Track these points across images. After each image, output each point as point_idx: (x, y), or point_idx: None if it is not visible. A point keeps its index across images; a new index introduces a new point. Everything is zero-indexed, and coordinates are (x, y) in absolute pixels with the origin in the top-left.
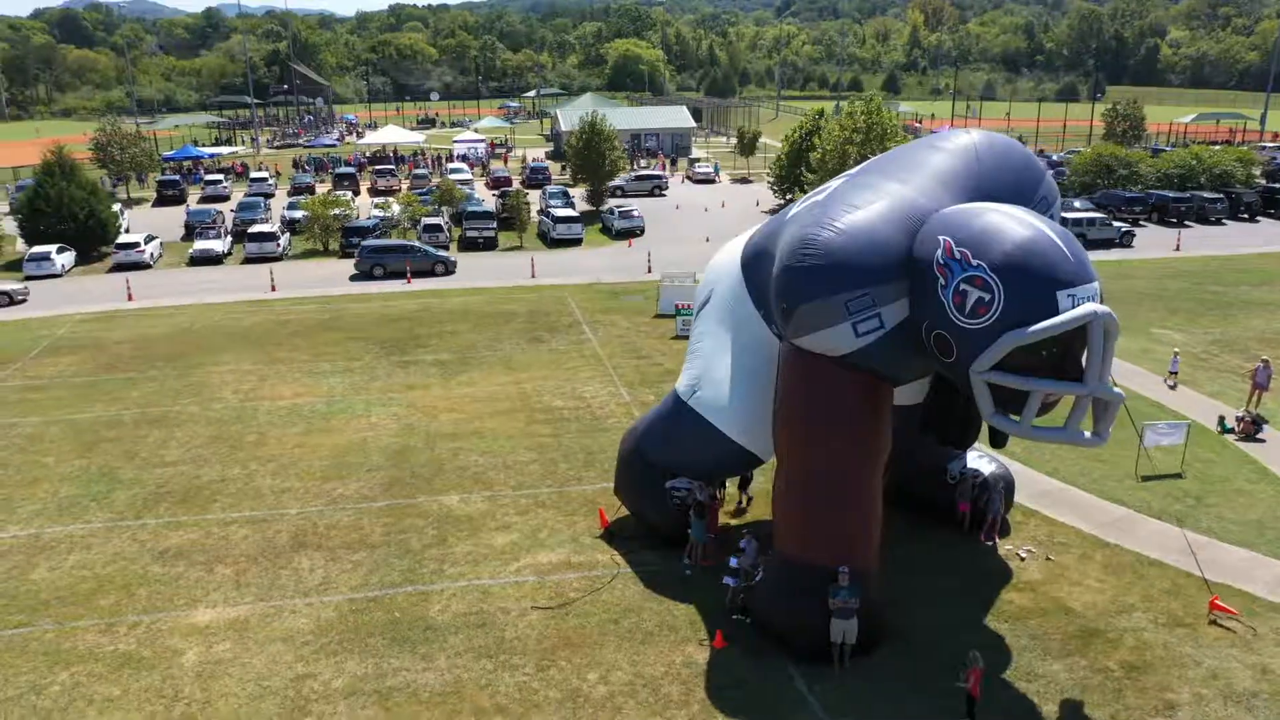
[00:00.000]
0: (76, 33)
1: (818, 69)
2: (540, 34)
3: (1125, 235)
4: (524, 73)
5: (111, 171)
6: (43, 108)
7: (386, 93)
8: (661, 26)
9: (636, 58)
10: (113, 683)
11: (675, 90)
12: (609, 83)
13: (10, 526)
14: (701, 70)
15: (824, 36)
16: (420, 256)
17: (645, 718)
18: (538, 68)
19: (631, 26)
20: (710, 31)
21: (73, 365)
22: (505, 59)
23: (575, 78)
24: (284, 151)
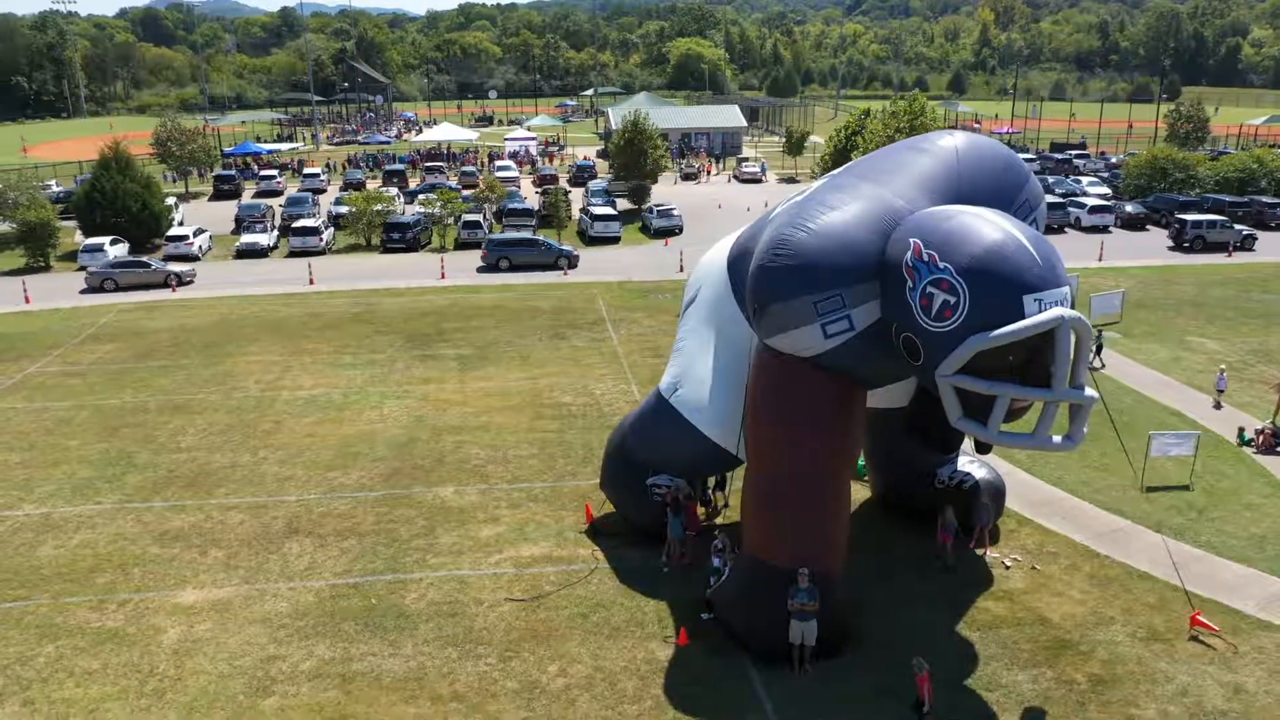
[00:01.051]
0: (158, 31)
1: (883, 68)
2: (605, 33)
3: (1247, 239)
4: (586, 71)
5: (170, 166)
6: (120, 104)
7: (450, 91)
8: (725, 25)
9: (698, 57)
10: (94, 656)
11: (737, 89)
12: (670, 81)
13: (25, 505)
14: (764, 69)
15: (892, 35)
16: (544, 251)
17: (598, 711)
18: (599, 66)
19: (694, 25)
20: (775, 30)
21: (111, 353)
22: (567, 57)
23: (637, 77)
24: (343, 148)
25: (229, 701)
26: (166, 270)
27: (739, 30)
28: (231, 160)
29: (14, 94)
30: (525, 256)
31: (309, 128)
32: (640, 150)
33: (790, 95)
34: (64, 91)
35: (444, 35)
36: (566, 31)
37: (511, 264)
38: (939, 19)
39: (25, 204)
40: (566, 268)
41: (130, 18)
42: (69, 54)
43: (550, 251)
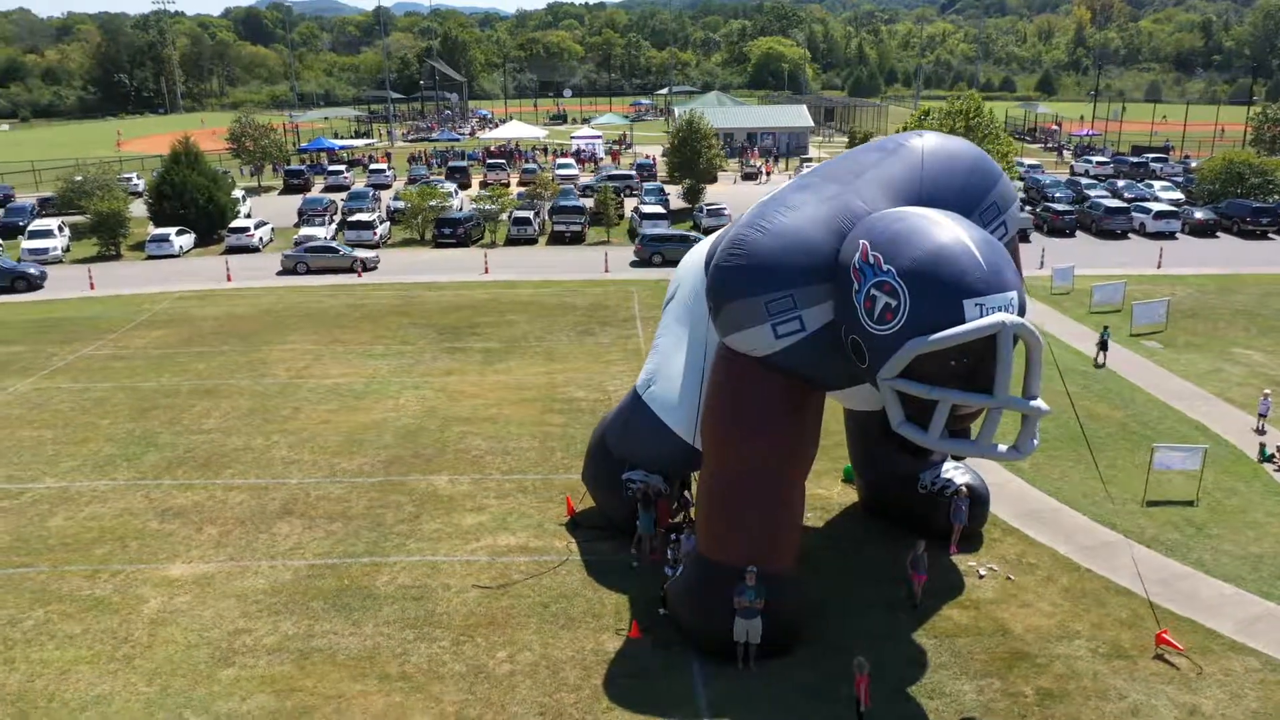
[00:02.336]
0: (258, 30)
1: (970, 68)
2: (690, 32)
3: None
4: (666, 70)
5: (244, 160)
6: (214, 101)
7: (531, 89)
8: (809, 24)
9: (779, 56)
10: (78, 622)
11: (819, 89)
12: (750, 81)
13: (47, 479)
14: (847, 69)
15: (983, 34)
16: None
17: (535, 697)
18: (679, 65)
19: (777, 25)
20: (861, 29)
21: (159, 338)
22: (648, 56)
23: (717, 76)
24: (416, 145)
25: (190, 670)
26: (353, 256)
27: (823, 29)
28: (307, 155)
29: (116, 90)
30: (678, 252)
31: (385, 124)
32: (695, 149)
33: (872, 95)
34: (162, 88)
35: (528, 34)
36: (652, 30)
37: (664, 259)
38: (1033, 18)
39: (101, 195)
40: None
41: (232, 17)
42: (168, 52)
43: None
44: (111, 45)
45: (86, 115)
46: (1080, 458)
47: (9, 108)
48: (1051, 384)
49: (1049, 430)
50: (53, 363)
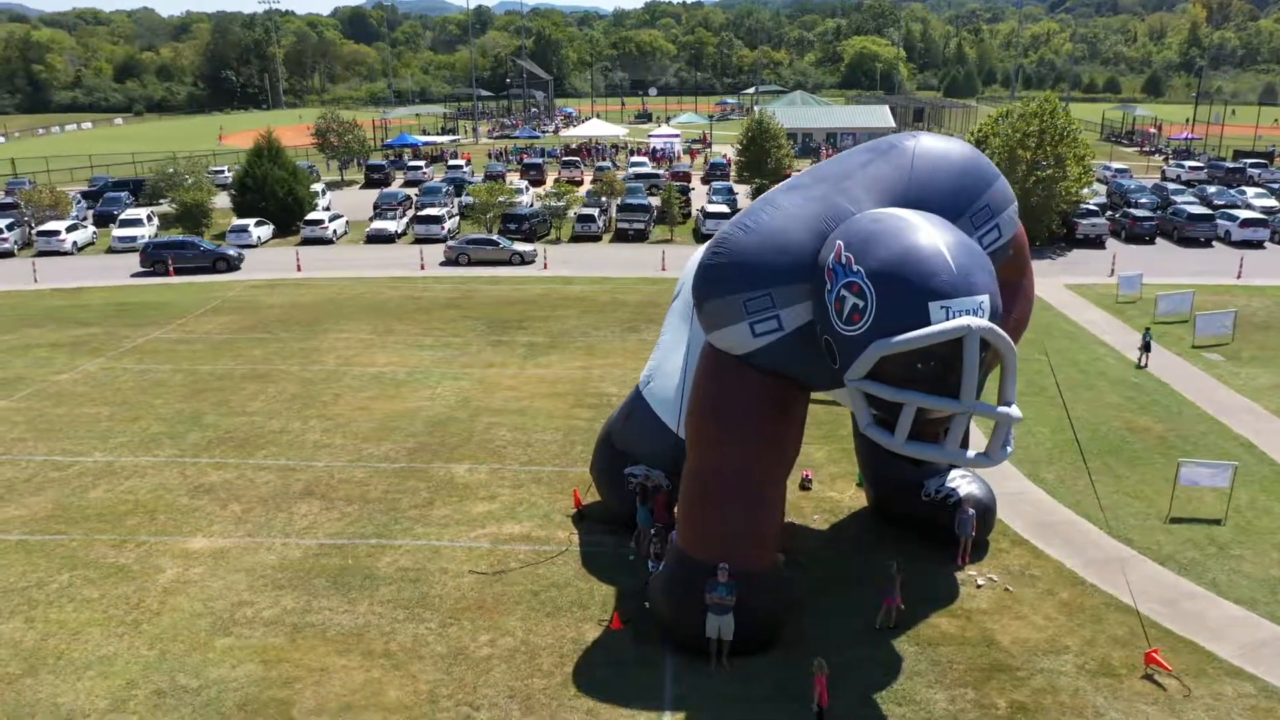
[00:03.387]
0: (363, 29)
1: (1074, 69)
2: (787, 31)
3: None
4: (758, 70)
5: (328, 155)
6: (315, 97)
7: (623, 87)
8: (906, 23)
9: (873, 55)
10: (97, 587)
11: (914, 89)
12: (843, 80)
13: (96, 453)
14: (944, 69)
15: (1091, 34)
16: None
17: (507, 680)
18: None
19: (872, 23)
20: (962, 28)
21: (224, 324)
22: (740, 55)
23: (810, 75)
24: (500, 141)
25: (190, 637)
26: (512, 249)
27: (921, 28)
28: (391, 151)
29: (223, 86)
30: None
31: (471, 121)
32: (764, 149)
33: (968, 96)
34: (265, 85)
35: (622, 33)
36: (747, 29)
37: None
38: (1145, 16)
39: (189, 186)
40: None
41: (340, 15)
42: (272, 50)
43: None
44: (220, 43)
45: (195, 110)
46: (1108, 470)
47: (125, 102)
48: (1098, 394)
49: (1083, 442)
50: (123, 345)
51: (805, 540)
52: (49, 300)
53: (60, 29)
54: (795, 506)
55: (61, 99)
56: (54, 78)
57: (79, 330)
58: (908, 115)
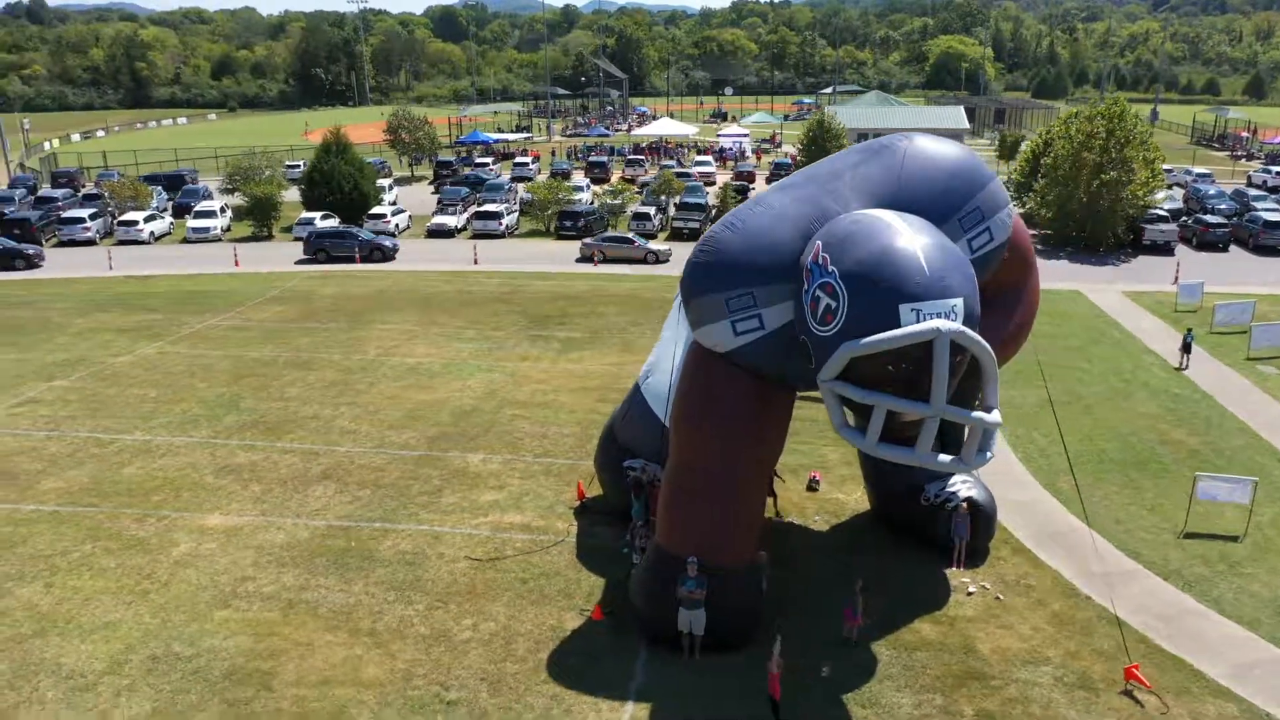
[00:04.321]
0: (452, 28)
1: (1175, 70)
2: (874, 30)
3: None
4: (841, 69)
5: (398, 151)
6: (400, 95)
7: (704, 87)
8: (995, 22)
9: (959, 55)
10: (115, 557)
11: (1001, 90)
12: (927, 80)
13: (137, 431)
14: (1034, 69)
15: (1193, 34)
16: None
17: (480, 664)
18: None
19: (960, 23)
20: (1055, 27)
21: (278, 313)
22: (823, 55)
23: (894, 75)
24: (573, 139)
25: (192, 608)
26: (646, 248)
27: (1011, 27)
28: (464, 147)
29: (312, 83)
30: None
31: (545, 119)
32: (824, 149)
33: (1058, 97)
34: (353, 82)
35: (704, 32)
36: (834, 28)
37: None
38: (1252, 15)
39: (260, 180)
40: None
41: (430, 14)
42: (360, 48)
43: None
44: (311, 41)
45: (286, 107)
46: (1129, 482)
47: (220, 99)
48: (1134, 404)
49: (1107, 451)
50: (181, 330)
51: (801, 540)
52: (120, 286)
53: (167, 27)
54: (799, 507)
55: (161, 95)
56: (155, 75)
57: (143, 316)
58: (988, 116)
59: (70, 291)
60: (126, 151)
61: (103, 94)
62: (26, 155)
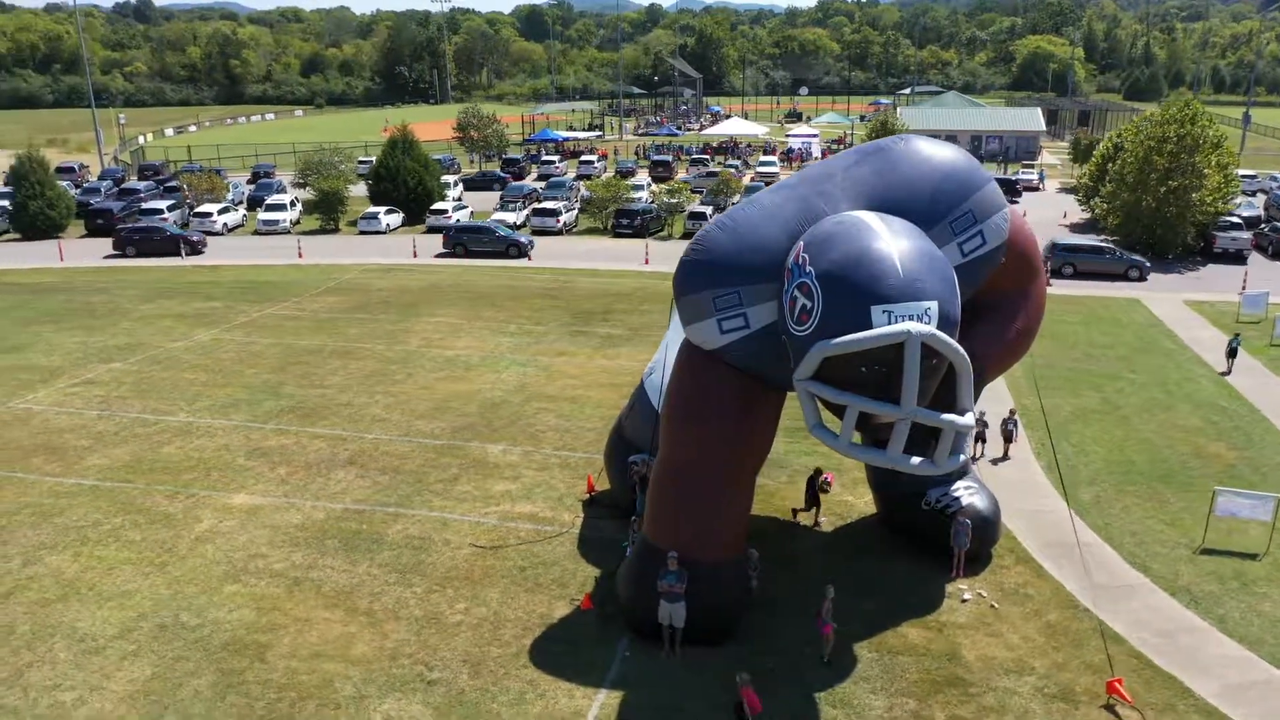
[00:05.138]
0: (538, 27)
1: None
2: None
3: None
4: (925, 69)
5: (466, 148)
6: (481, 92)
7: (784, 86)
8: (1089, 21)
9: (1047, 55)
10: (142, 530)
11: (1093, 91)
12: (1014, 81)
13: (180, 413)
14: (1127, 70)
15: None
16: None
17: (465, 646)
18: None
19: (1050, 22)
20: (1153, 27)
21: (333, 304)
22: (907, 54)
23: (980, 75)
24: (643, 138)
25: (204, 581)
26: None
27: (1105, 27)
28: (534, 145)
29: (396, 81)
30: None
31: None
32: None
33: (1153, 99)
34: (435, 80)
35: (785, 31)
36: (922, 28)
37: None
38: None
39: (328, 175)
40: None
41: (518, 14)
42: (444, 47)
43: None
44: (396, 40)
45: (370, 104)
46: (1153, 494)
47: (309, 95)
48: (1174, 416)
49: (1136, 462)
50: (237, 318)
51: (804, 542)
52: (189, 275)
53: (264, 25)
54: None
55: (253, 92)
56: (247, 72)
57: (205, 303)
58: (1072, 118)
59: (143, 279)
60: (211, 146)
61: (198, 90)
62: (121, 149)
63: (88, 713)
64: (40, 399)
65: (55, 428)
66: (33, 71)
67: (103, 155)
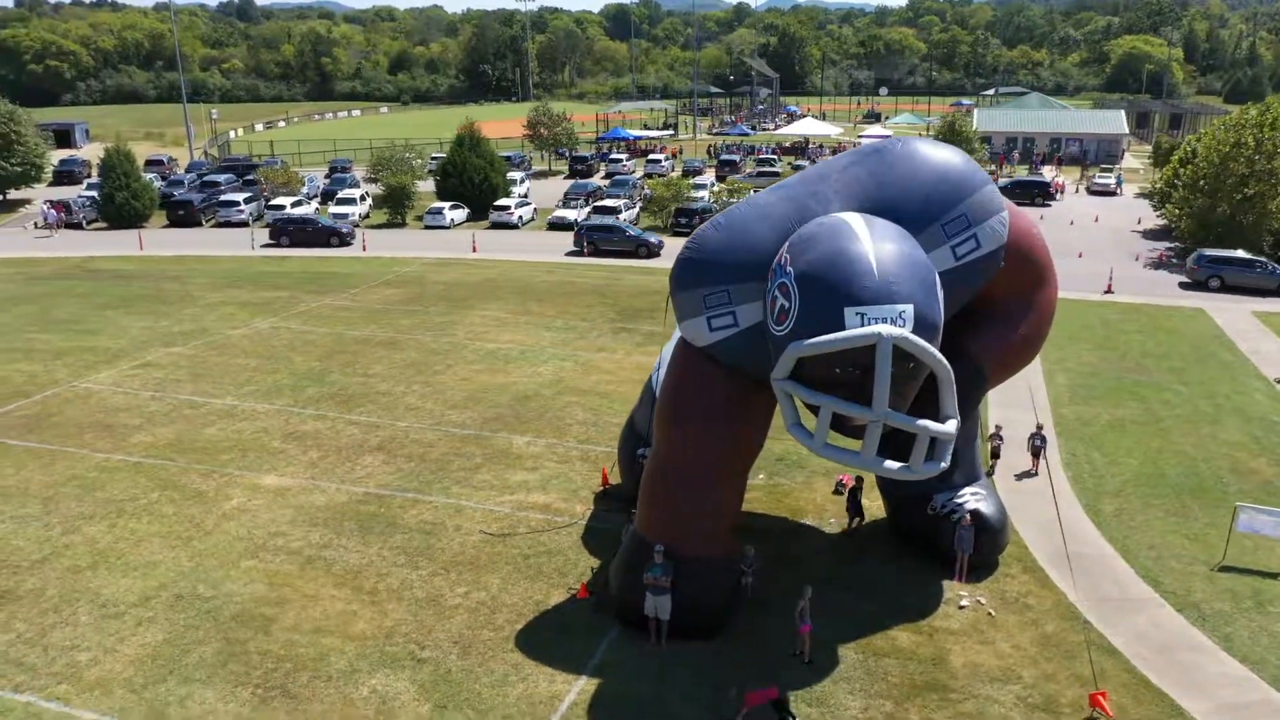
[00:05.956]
0: (625, 25)
1: None
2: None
3: None
4: (1015, 70)
5: (536, 146)
6: (563, 91)
7: (867, 86)
8: (1190, 21)
9: (1144, 56)
10: (173, 504)
11: (1192, 94)
12: (1107, 82)
13: (227, 396)
14: (1230, 72)
15: None
16: None
17: (459, 629)
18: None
19: (1147, 22)
20: (1261, 27)
21: (389, 295)
22: (995, 55)
23: (1073, 76)
24: (717, 137)
25: (224, 556)
26: None
27: (1207, 27)
28: (607, 144)
29: (480, 79)
30: None
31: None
32: None
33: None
34: (517, 79)
35: (871, 30)
36: (1016, 27)
37: None
38: None
39: (399, 170)
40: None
41: (604, 13)
42: (527, 45)
43: None
44: (481, 38)
45: (454, 101)
46: (1180, 509)
47: (395, 93)
48: (1217, 430)
49: (1168, 475)
50: (296, 308)
51: (810, 542)
52: (258, 265)
53: (358, 24)
54: (819, 508)
55: (343, 89)
56: (338, 69)
57: (269, 293)
58: (1164, 121)
59: (214, 269)
60: (294, 141)
61: (291, 87)
62: (211, 143)
63: (98, 673)
64: (101, 379)
65: (110, 406)
66: (137, 68)
67: (192, 149)
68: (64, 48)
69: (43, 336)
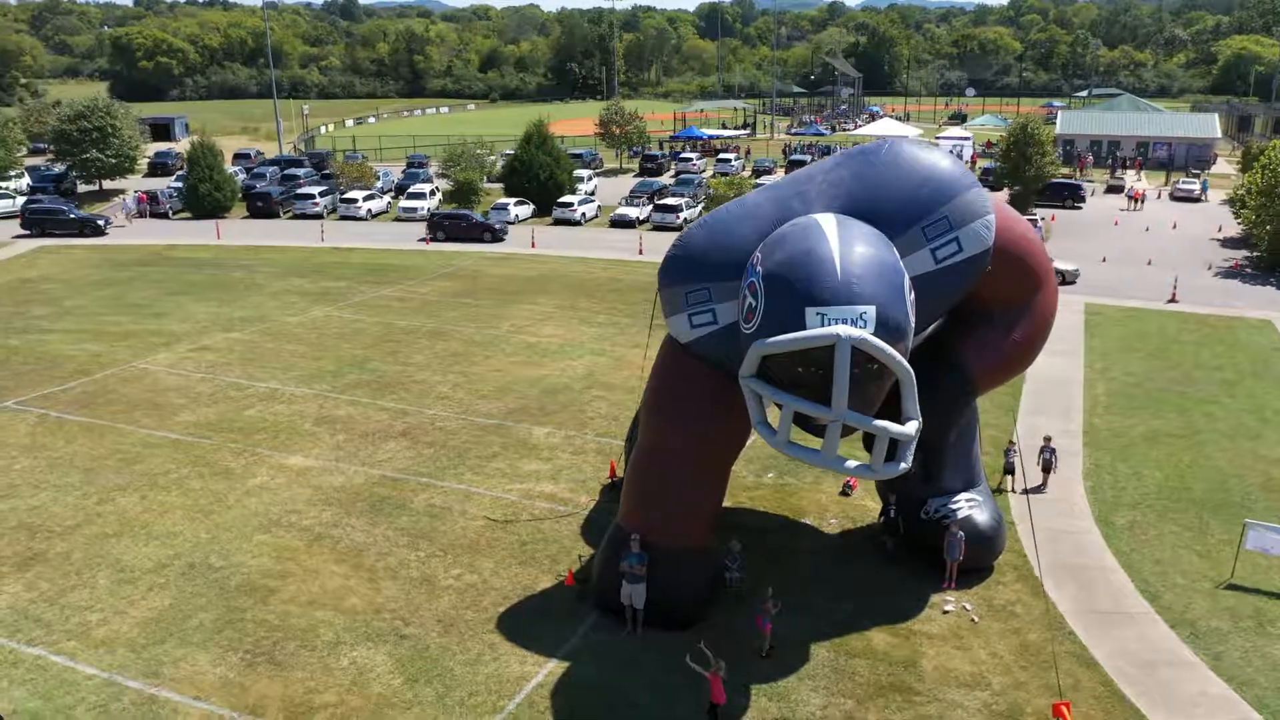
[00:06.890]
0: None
1: None
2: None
3: None
4: (1116, 71)
5: (607, 144)
6: (649, 89)
7: (959, 86)
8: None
9: (1254, 57)
10: (201, 479)
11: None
12: (1213, 85)
13: (271, 380)
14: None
15: None
16: None
17: (444, 609)
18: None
19: (1260, 21)
20: None
21: (443, 288)
22: (1096, 55)
23: (1177, 78)
24: (795, 137)
25: (239, 529)
26: None
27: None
28: (680, 142)
29: (566, 77)
30: None
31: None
32: (1024, 155)
33: None
34: (603, 77)
35: (964, 30)
36: (1122, 26)
37: None
38: None
39: (468, 166)
40: None
41: (698, 12)
42: (614, 44)
43: None
44: (569, 37)
45: (541, 99)
46: (1197, 524)
47: (485, 90)
48: (1257, 445)
49: (1192, 490)
50: (352, 298)
51: (807, 541)
52: (324, 256)
53: (455, 23)
54: (821, 508)
55: (434, 86)
56: (430, 67)
57: (329, 283)
58: (1266, 125)
59: (283, 259)
60: (375, 136)
61: (384, 84)
62: (301, 138)
63: (105, 632)
64: (159, 360)
65: (162, 386)
66: (240, 65)
67: (281, 143)
68: (173, 45)
69: (114, 319)
